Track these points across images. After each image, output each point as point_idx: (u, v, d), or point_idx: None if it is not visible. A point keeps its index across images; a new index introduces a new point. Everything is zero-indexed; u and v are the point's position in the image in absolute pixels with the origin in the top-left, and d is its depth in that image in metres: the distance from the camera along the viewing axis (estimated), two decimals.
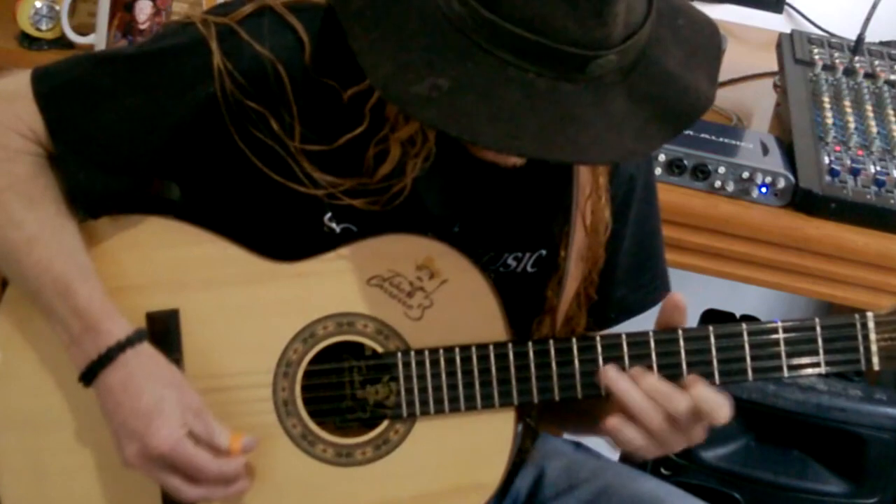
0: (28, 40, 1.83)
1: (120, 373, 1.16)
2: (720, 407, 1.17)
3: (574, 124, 1.01)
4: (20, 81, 1.20)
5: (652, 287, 1.43)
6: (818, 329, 1.24)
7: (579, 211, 1.29)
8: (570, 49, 1.01)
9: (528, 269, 1.33)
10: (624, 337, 1.24)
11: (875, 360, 1.24)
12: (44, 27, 1.83)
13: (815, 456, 1.93)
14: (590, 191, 1.29)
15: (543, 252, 1.33)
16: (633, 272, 1.41)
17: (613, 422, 1.19)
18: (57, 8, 1.82)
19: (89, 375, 1.17)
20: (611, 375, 1.21)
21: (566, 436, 1.64)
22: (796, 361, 1.24)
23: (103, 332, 1.16)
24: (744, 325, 1.24)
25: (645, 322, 1.45)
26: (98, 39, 1.79)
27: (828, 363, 1.24)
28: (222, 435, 1.18)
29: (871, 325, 1.24)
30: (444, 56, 1.02)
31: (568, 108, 1.01)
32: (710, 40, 1.14)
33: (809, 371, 1.25)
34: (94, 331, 1.16)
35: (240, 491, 1.20)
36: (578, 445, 1.52)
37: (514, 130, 1.01)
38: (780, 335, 1.24)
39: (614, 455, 1.96)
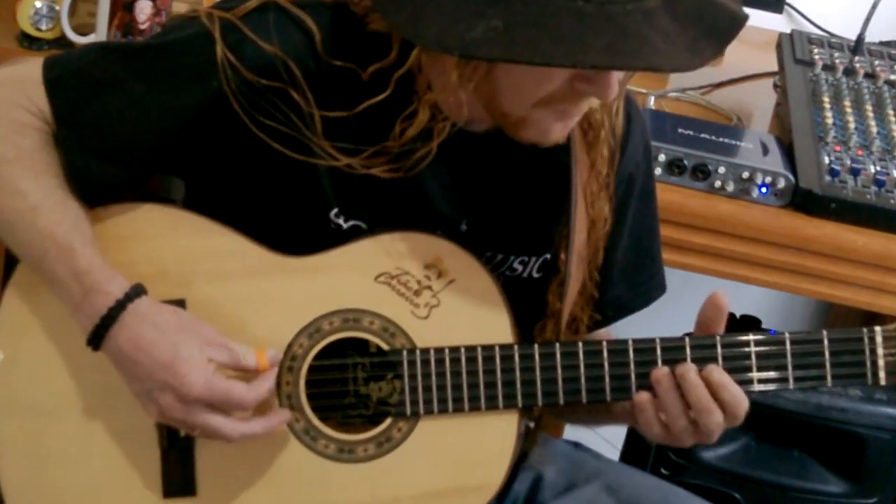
0: (28, 40, 1.83)
1: (126, 332, 1.16)
2: (740, 401, 1.22)
3: (634, 38, 1.04)
4: (32, 67, 1.22)
5: (647, 286, 1.44)
6: (825, 342, 1.24)
7: (578, 210, 1.29)
8: None
9: (534, 274, 1.34)
10: (630, 343, 1.24)
11: (882, 374, 1.24)
12: (44, 27, 1.82)
13: (815, 456, 1.94)
14: (588, 188, 1.30)
15: (548, 256, 1.33)
16: (629, 271, 1.41)
17: (642, 397, 1.23)
18: (57, 8, 1.81)
19: (96, 339, 1.17)
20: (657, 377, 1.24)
21: (566, 436, 1.63)
22: (802, 374, 1.24)
23: (102, 293, 1.17)
24: (751, 336, 1.24)
25: (644, 322, 1.46)
26: (98, 40, 1.79)
27: (834, 376, 1.24)
28: (248, 355, 1.19)
29: (878, 339, 1.24)
30: (492, 2, 1.03)
31: (624, 26, 1.04)
32: None
33: (816, 384, 1.25)
34: (95, 292, 1.17)
35: (283, 420, 1.22)
36: (578, 445, 1.51)
37: (580, 48, 1.02)
38: (787, 347, 1.24)
39: (614, 455, 1.96)
